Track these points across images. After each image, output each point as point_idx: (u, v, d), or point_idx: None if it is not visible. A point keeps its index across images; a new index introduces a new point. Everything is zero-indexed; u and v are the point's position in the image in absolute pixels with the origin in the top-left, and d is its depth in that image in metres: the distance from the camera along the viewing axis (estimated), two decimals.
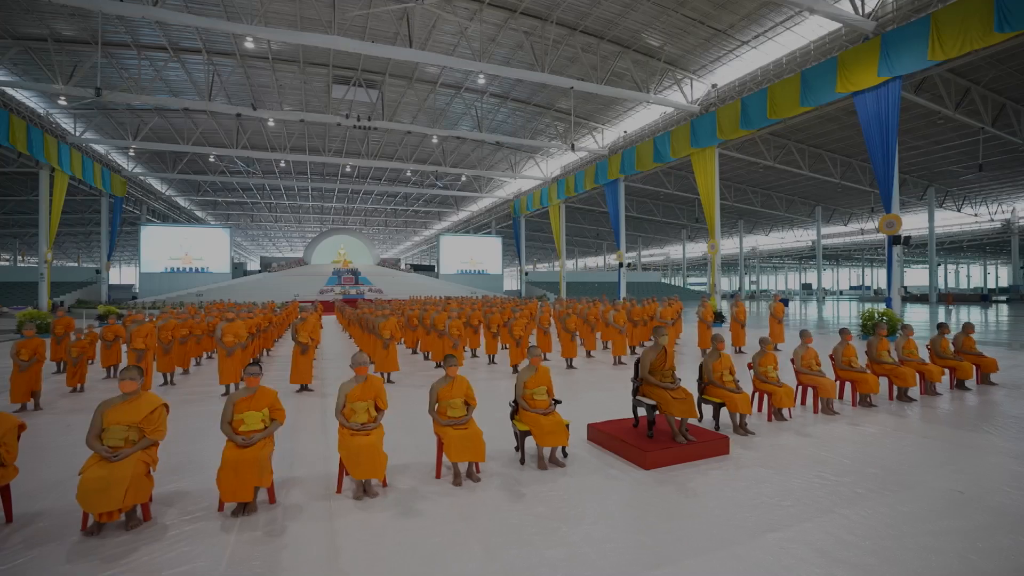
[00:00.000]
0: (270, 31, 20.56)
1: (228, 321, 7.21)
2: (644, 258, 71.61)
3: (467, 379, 4.43)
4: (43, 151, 25.30)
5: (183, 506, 3.59)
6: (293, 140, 35.49)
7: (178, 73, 26.40)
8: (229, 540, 3.12)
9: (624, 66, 26.06)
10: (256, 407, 3.81)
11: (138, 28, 22.76)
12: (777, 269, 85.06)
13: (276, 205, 53.23)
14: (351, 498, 3.72)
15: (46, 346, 6.52)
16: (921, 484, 3.80)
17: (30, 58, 23.48)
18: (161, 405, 3.66)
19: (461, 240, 51.46)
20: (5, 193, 33.83)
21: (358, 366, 4.14)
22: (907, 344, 7.17)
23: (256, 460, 3.47)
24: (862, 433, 5.19)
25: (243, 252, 75.65)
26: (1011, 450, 4.53)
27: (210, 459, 4.17)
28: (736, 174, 36.07)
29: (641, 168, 30.18)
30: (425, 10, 22.58)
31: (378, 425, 4.04)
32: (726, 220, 50.04)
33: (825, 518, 3.25)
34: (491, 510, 3.51)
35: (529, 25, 24.05)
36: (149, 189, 40.67)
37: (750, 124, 23.47)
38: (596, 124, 34.14)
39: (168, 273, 37.35)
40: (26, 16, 21.09)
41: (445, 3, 22.00)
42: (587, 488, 3.87)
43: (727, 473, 4.09)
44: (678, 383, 4.77)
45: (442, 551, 2.96)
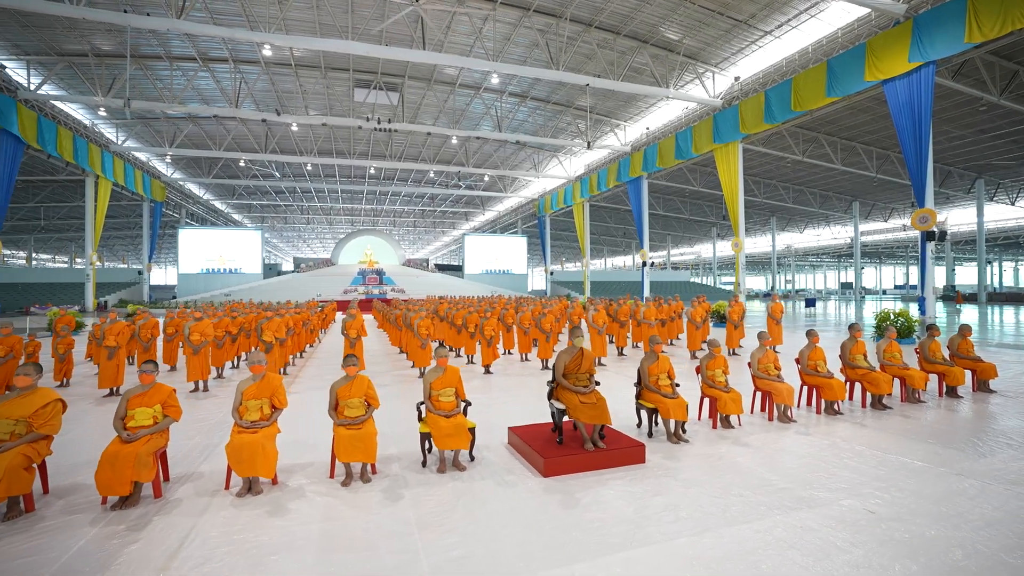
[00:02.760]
0: (290, 38, 21.20)
1: (196, 320, 7.44)
2: (673, 257, 69.87)
3: (368, 379, 4.38)
4: (88, 160, 26.97)
5: (72, 499, 3.70)
6: (319, 143, 36.53)
7: (207, 82, 27.60)
8: (89, 533, 3.18)
9: (642, 61, 25.49)
10: (147, 404, 3.89)
11: (169, 40, 23.93)
12: (815, 268, 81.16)
13: (308, 207, 54.94)
14: (236, 495, 3.73)
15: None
16: (834, 502, 3.47)
17: (74, 72, 25.07)
18: (55, 400, 3.78)
19: (486, 240, 51.67)
20: (58, 200, 36.34)
21: (253, 364, 4.16)
22: (888, 347, 6.65)
23: (135, 455, 3.52)
24: (806, 444, 4.82)
25: (278, 253, 78.54)
26: (966, 468, 4.09)
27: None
28: (765, 169, 34.67)
29: (663, 165, 29.49)
30: (439, 12, 22.79)
31: (271, 424, 4.04)
32: (757, 217, 48.21)
33: (696, 538, 3.00)
34: (358, 512, 3.44)
35: (544, 23, 23.87)
36: (187, 193, 42.77)
37: (774, 117, 22.50)
38: (618, 121, 33.56)
39: (204, 274, 39.19)
40: (69, 34, 22.51)
41: (457, 3, 22.11)
42: (471, 494, 3.74)
43: (628, 483, 3.86)
44: (593, 387, 4.56)
45: (277, 552, 2.91)
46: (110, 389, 7.16)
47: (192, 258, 39.54)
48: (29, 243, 48.65)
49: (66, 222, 41.65)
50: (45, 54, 23.70)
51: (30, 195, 34.66)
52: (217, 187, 45.78)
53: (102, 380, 7.08)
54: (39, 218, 40.00)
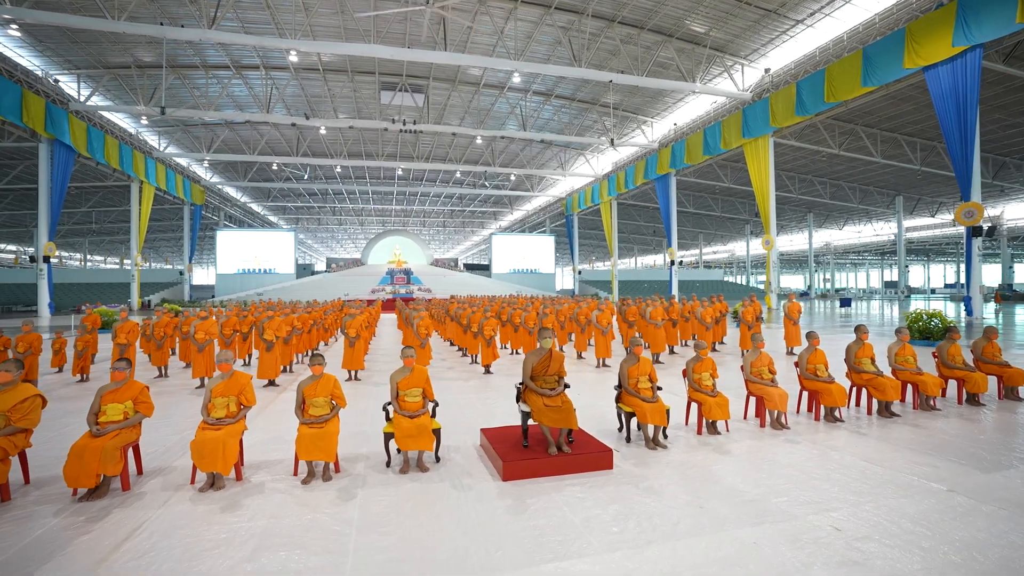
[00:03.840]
0: (317, 44, 21.80)
1: (202, 319, 7.71)
2: (706, 255, 68.00)
3: (335, 378, 4.41)
4: (132, 166, 28.46)
5: (47, 490, 3.87)
6: (349, 145, 37.38)
7: (241, 88, 28.65)
8: (50, 523, 3.32)
9: (668, 56, 24.92)
10: (119, 399, 4.03)
11: (204, 50, 24.97)
12: (856, 266, 77.30)
13: (339, 209, 56.36)
14: (199, 489, 3.83)
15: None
16: (801, 518, 3.25)
17: (119, 84, 26.48)
18: (34, 396, 3.97)
19: (513, 239, 51.70)
20: (108, 204, 38.53)
21: (221, 363, 4.25)
22: (901, 350, 6.23)
23: (101, 449, 3.66)
24: (793, 453, 4.55)
25: (312, 253, 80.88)
26: (961, 484, 3.75)
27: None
28: (799, 164, 33.32)
29: (691, 161, 28.79)
30: (461, 13, 22.90)
31: (237, 421, 4.12)
32: (793, 214, 46.41)
33: (636, 551, 2.85)
34: (304, 511, 3.45)
35: (566, 20, 23.67)
36: (225, 197, 44.57)
37: (806, 109, 21.61)
38: (645, 117, 32.95)
39: (240, 274, 40.78)
40: (114, 47, 23.79)
41: (479, 3, 22.17)
42: (423, 496, 3.70)
43: (586, 490, 3.73)
44: (560, 389, 4.44)
45: (216, 547, 2.95)
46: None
47: (229, 259, 41.21)
48: (84, 245, 51.89)
49: (116, 225, 44.14)
50: (93, 67, 25.11)
51: (83, 200, 36.93)
52: (253, 190, 47.53)
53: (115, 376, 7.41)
54: (92, 222, 42.59)
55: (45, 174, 23.35)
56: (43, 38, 22.50)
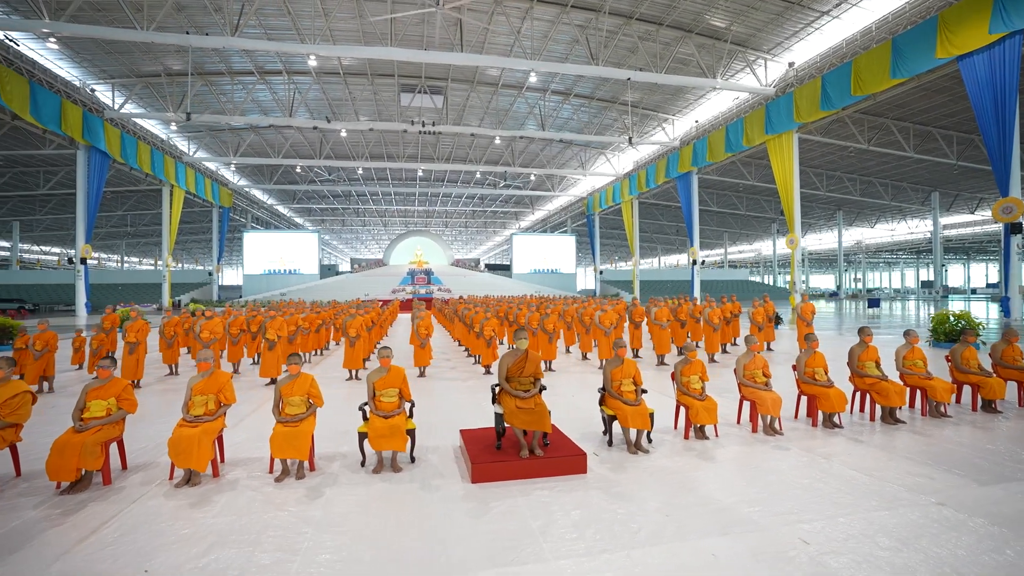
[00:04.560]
0: (337, 48, 22.17)
1: (208, 319, 7.92)
2: (731, 255, 66.40)
3: (311, 378, 4.45)
4: (163, 170, 29.48)
5: (34, 483, 4.01)
6: (370, 147, 37.92)
7: (265, 93, 29.38)
8: (28, 514, 3.44)
9: (687, 52, 24.48)
10: (103, 396, 4.15)
11: (230, 57, 25.69)
12: (890, 265, 74.16)
13: (363, 210, 57.25)
14: (175, 485, 3.92)
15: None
16: (770, 528, 3.10)
17: (150, 92, 27.49)
18: (23, 392, 4.13)
19: (533, 239, 51.59)
20: (142, 208, 40.07)
21: (201, 362, 4.34)
22: (909, 353, 5.93)
23: (81, 444, 3.78)
24: (780, 460, 4.37)
25: (337, 254, 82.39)
26: (953, 498, 3.48)
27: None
28: (827, 160, 32.21)
29: (713, 159, 28.19)
30: (477, 14, 22.99)
31: (215, 419, 4.20)
32: (821, 211, 44.96)
33: (586, 560, 2.76)
34: (269, 508, 3.48)
35: (583, 18, 23.49)
36: (252, 199, 45.78)
37: (831, 104, 20.89)
38: (665, 115, 32.44)
39: (266, 275, 41.86)
40: (145, 56, 24.70)
41: (495, 3, 22.20)
42: (389, 496, 3.69)
43: (552, 495, 3.66)
44: (535, 391, 4.37)
45: (175, 543, 3.00)
46: (132, 381, 7.76)
47: (256, 259, 42.35)
48: (121, 247, 54.12)
49: (150, 228, 45.92)
50: (126, 76, 26.13)
51: (119, 204, 38.50)
52: (279, 192, 48.71)
53: (124, 373, 7.69)
54: (128, 225, 44.39)
55: (82, 179, 24.39)
56: (80, 50, 23.53)
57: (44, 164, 30.88)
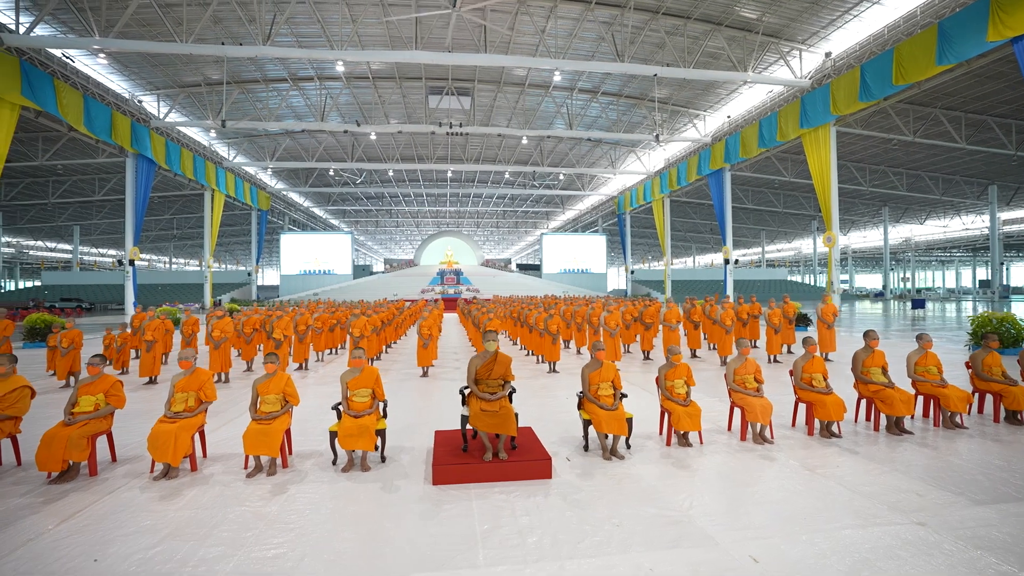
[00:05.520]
0: (364, 53, 22.62)
1: (218, 318, 8.25)
2: (769, 253, 63.90)
3: (288, 377, 4.54)
4: (205, 175, 30.87)
5: (31, 472, 4.27)
6: (401, 149, 38.59)
7: (298, 99, 30.36)
8: (13, 502, 3.67)
9: (717, 45, 23.78)
10: (92, 392, 4.38)
11: (264, 65, 26.68)
12: (944, 263, 69.47)
13: (396, 211, 58.36)
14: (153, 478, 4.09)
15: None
16: (722, 544, 2.95)
17: (192, 101, 28.86)
18: (23, 387, 4.40)
19: (563, 239, 51.28)
20: (187, 212, 42.12)
21: (182, 360, 4.51)
22: (922, 359, 5.54)
23: (68, 437, 3.99)
24: (759, 470, 4.15)
25: (371, 254, 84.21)
26: (938, 518, 3.21)
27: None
28: (870, 154, 30.58)
29: (746, 155, 27.28)
30: (501, 15, 23.05)
31: (195, 416, 4.35)
32: (865, 208, 42.72)
33: (517, 568, 2.71)
34: (230, 504, 3.58)
35: (608, 15, 23.20)
36: (289, 202, 47.36)
37: (871, 94, 19.81)
38: (696, 111, 31.63)
39: (302, 275, 43.28)
40: (186, 67, 25.95)
41: (518, 3, 22.20)
42: (347, 495, 3.73)
43: (507, 499, 3.60)
44: (501, 394, 4.31)
45: (134, 533, 3.13)
46: (149, 377, 8.17)
47: (292, 260, 43.84)
48: (169, 249, 57.13)
49: (195, 230, 48.23)
50: (170, 87, 27.52)
51: (165, 208, 40.63)
52: (315, 195, 50.22)
53: (142, 370, 8.11)
54: (174, 228, 46.78)
55: (131, 185, 25.83)
56: (128, 63, 24.95)
57: (99, 172, 32.93)
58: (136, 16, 20.51)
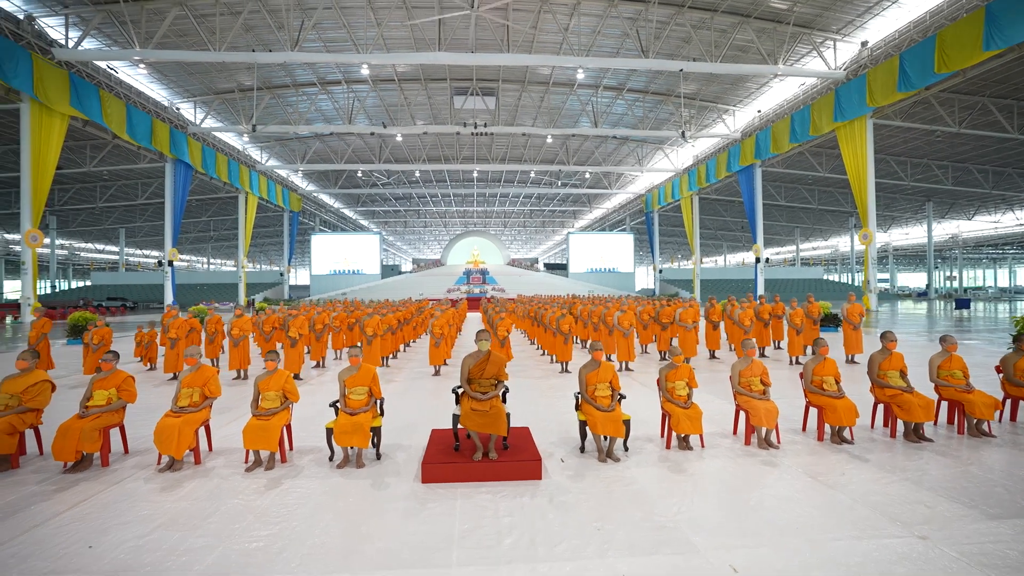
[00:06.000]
0: (390, 56, 23.06)
1: (237, 317, 8.52)
2: (804, 251, 61.60)
3: (287, 374, 4.65)
4: (239, 179, 31.94)
5: (50, 462, 4.50)
6: (427, 150, 39.03)
7: (327, 103, 31.08)
8: (28, 489, 3.88)
9: (746, 38, 23.15)
10: (105, 387, 4.59)
11: (294, 71, 27.42)
12: (996, 261, 65.36)
13: (424, 211, 59.07)
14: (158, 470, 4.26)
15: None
16: (702, 552, 2.85)
17: (226, 107, 29.90)
18: (43, 381, 4.64)
19: (590, 238, 50.88)
20: (223, 214, 43.70)
21: (188, 357, 4.67)
22: (946, 362, 5.24)
23: (81, 429, 4.20)
24: (759, 477, 4.00)
25: (400, 254, 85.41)
26: (942, 532, 3.01)
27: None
28: (912, 147, 29.17)
29: (777, 151, 26.49)
30: (524, 14, 23.02)
31: (199, 411, 4.51)
32: (908, 203, 40.76)
33: (483, 570, 2.72)
34: (223, 497, 3.68)
35: (632, 11, 22.90)
36: (320, 203, 48.53)
37: (910, 84, 18.94)
38: (725, 106, 30.87)
39: (332, 275, 44.33)
40: (220, 75, 26.92)
41: (541, 3, 22.14)
42: (336, 491, 3.77)
43: (492, 500, 3.57)
44: (493, 394, 4.29)
45: (127, 523, 3.25)
46: (173, 374, 8.51)
47: (322, 260, 44.96)
48: (207, 250, 59.44)
49: (231, 232, 50.06)
50: (205, 94, 28.59)
51: (203, 211, 42.27)
52: (345, 196, 51.32)
53: (166, 366, 8.46)
54: (211, 229, 48.62)
55: (169, 189, 26.99)
56: (167, 72, 26.05)
57: (141, 177, 34.52)
58: (173, 27, 21.36)
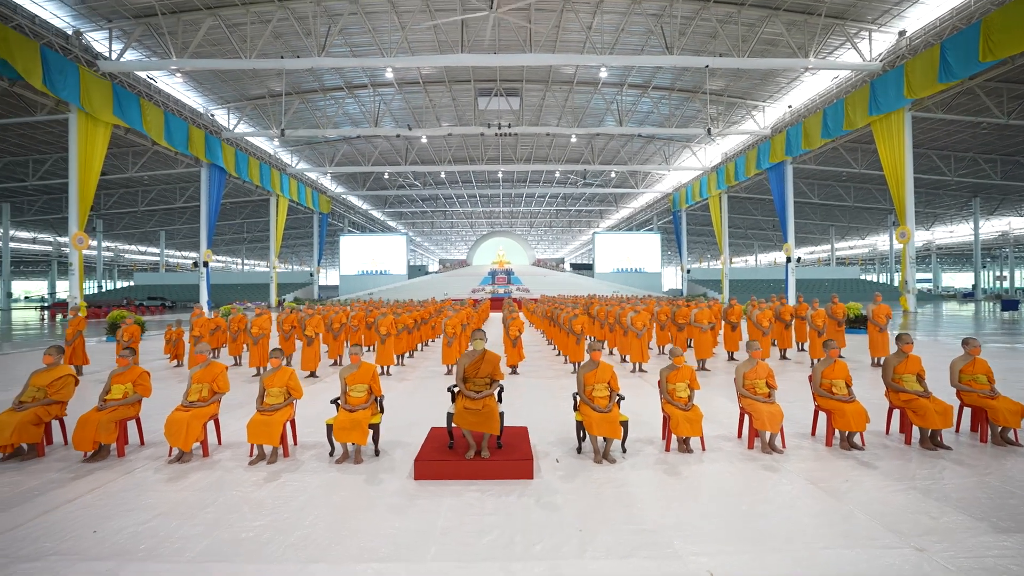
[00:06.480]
0: (414, 59, 23.37)
1: (257, 316, 8.82)
2: (840, 250, 59.26)
3: (291, 371, 4.79)
4: (270, 182, 32.88)
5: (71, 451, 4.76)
6: (453, 151, 39.37)
7: (354, 106, 31.71)
8: (47, 475, 4.13)
9: (775, 31, 22.53)
10: (122, 381, 4.83)
11: (322, 76, 28.09)
12: None
13: (450, 212, 59.61)
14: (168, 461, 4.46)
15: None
16: (679, 558, 2.77)
17: (258, 112, 30.86)
18: (67, 375, 4.92)
19: (616, 238, 50.35)
20: (256, 216, 45.11)
21: (199, 354, 4.86)
22: (970, 365, 4.99)
23: (97, 421, 4.43)
24: (757, 483, 3.89)
25: (427, 255, 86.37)
26: (946, 543, 2.86)
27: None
28: (954, 140, 27.78)
29: (809, 147, 25.65)
30: (547, 13, 23.00)
31: (208, 405, 4.69)
32: (953, 200, 38.81)
33: (449, 565, 2.76)
34: (223, 488, 3.82)
35: (656, 7, 22.60)
36: (349, 205, 49.51)
37: (952, 74, 18.06)
38: (754, 102, 30.09)
39: (360, 275, 45.25)
40: (252, 81, 27.81)
41: (563, 2, 22.07)
42: (330, 486, 3.87)
43: (481, 499, 3.58)
44: (486, 393, 4.31)
45: (130, 511, 3.42)
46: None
47: (351, 261, 45.93)
48: (242, 252, 61.50)
49: (263, 233, 51.61)
50: (238, 100, 29.58)
51: (237, 213, 43.74)
52: (373, 198, 52.25)
53: (191, 362, 8.77)
54: (245, 231, 50.27)
55: (205, 193, 28.01)
56: (202, 80, 27.08)
57: (179, 181, 35.98)
58: (207, 37, 22.18)
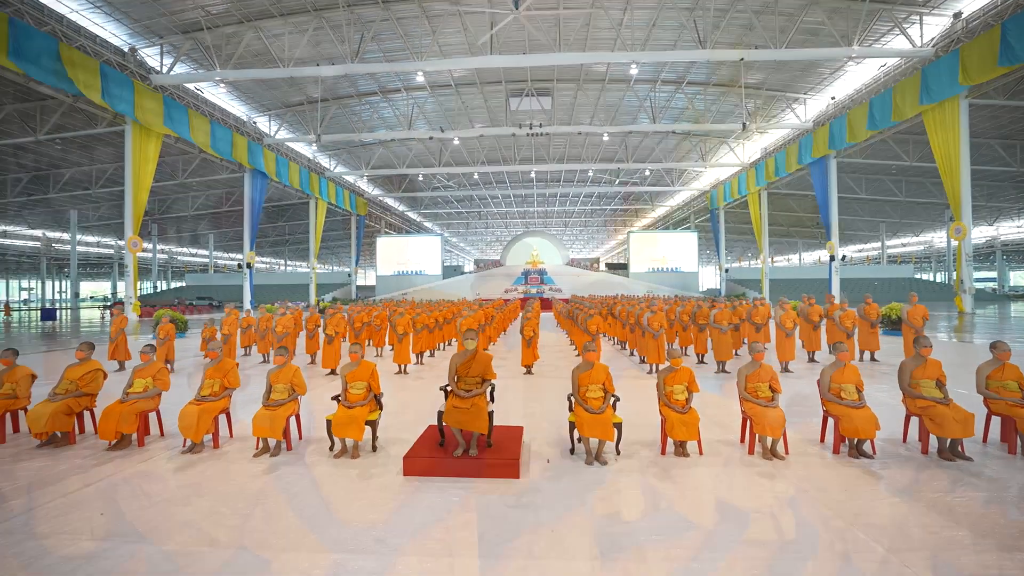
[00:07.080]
0: (445, 62, 23.71)
1: (281, 315, 9.20)
2: (892, 248, 55.92)
3: (296, 368, 4.99)
4: (309, 185, 34.06)
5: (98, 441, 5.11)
6: (485, 152, 39.67)
7: (388, 111, 32.46)
8: (71, 460, 4.46)
9: (816, 20, 21.64)
10: (143, 376, 5.15)
11: (357, 81, 28.89)
12: None
13: (484, 213, 60.06)
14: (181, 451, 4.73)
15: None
16: (648, 562, 2.70)
17: (297, 118, 32.04)
18: (96, 370, 5.30)
19: (652, 237, 49.42)
20: (297, 218, 46.80)
21: (210, 351, 5.13)
22: (999, 371, 4.65)
23: (120, 413, 4.76)
24: (749, 489, 3.74)
25: (463, 255, 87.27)
26: (942, 558, 2.76)
27: None
28: (1020, 128, 25.77)
29: (854, 140, 24.49)
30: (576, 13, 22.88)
31: (219, 400, 4.94)
32: (1016, 192, 36.04)
33: (414, 560, 2.83)
34: (226, 479, 4.02)
35: (689, 0, 22.04)
36: (385, 207, 50.66)
37: (1015, 56, 16.88)
38: (795, 94, 28.98)
39: (395, 276, 46.26)
40: (291, 89, 28.91)
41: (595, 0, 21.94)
42: (323, 479, 3.99)
43: (463, 496, 3.61)
44: (476, 392, 4.35)
45: (135, 497, 3.65)
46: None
47: (387, 261, 47.01)
48: (284, 253, 63.96)
49: (304, 235, 53.57)
50: (279, 107, 30.81)
51: (279, 216, 45.55)
52: (408, 199, 53.29)
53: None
54: (287, 233, 52.28)
55: (247, 197, 29.31)
56: (244, 90, 28.36)
57: (224, 186, 37.76)
58: (248, 48, 23.23)
